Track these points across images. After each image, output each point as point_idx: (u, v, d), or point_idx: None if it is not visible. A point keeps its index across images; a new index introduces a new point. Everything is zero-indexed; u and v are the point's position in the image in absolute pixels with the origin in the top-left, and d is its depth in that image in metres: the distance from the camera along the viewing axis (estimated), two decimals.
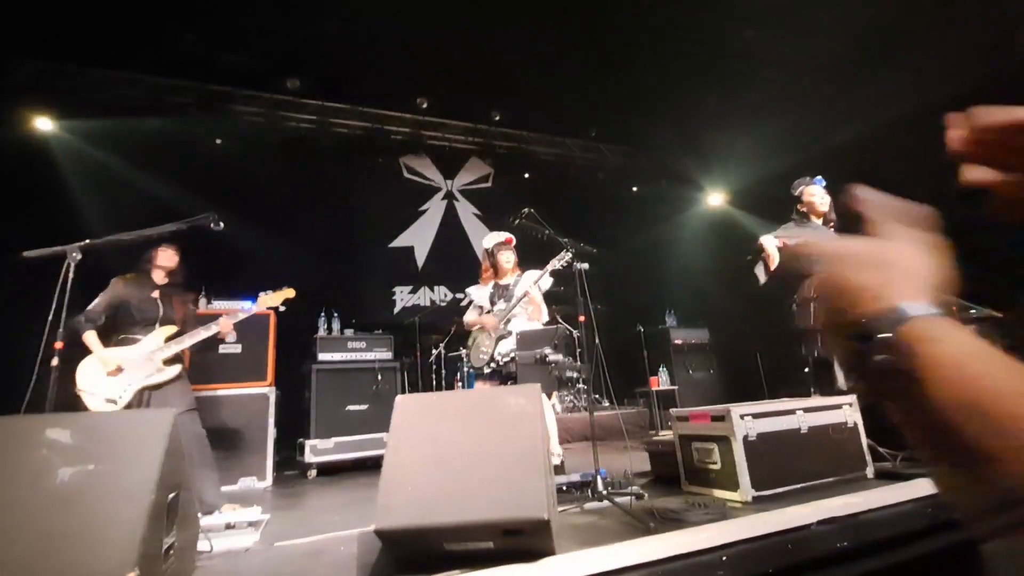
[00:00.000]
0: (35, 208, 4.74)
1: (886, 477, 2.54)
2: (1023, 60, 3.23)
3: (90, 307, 2.99)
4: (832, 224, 3.37)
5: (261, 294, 3.40)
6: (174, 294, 3.25)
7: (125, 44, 4.98)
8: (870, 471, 2.62)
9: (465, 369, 5.19)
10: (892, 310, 0.41)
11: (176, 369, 3.06)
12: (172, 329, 3.12)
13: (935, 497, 2.16)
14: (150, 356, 2.99)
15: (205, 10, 4.68)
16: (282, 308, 3.44)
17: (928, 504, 2.12)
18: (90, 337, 2.93)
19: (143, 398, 2.96)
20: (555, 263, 3.23)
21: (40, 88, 5.11)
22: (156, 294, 3.17)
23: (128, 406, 2.88)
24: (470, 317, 3.69)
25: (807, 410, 2.62)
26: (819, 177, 3.35)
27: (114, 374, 2.90)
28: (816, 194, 3.33)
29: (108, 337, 3.01)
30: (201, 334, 3.10)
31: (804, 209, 3.36)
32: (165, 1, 4.55)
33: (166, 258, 3.23)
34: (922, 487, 2.26)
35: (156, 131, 5.50)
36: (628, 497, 2.46)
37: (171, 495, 1.70)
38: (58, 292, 2.41)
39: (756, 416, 2.48)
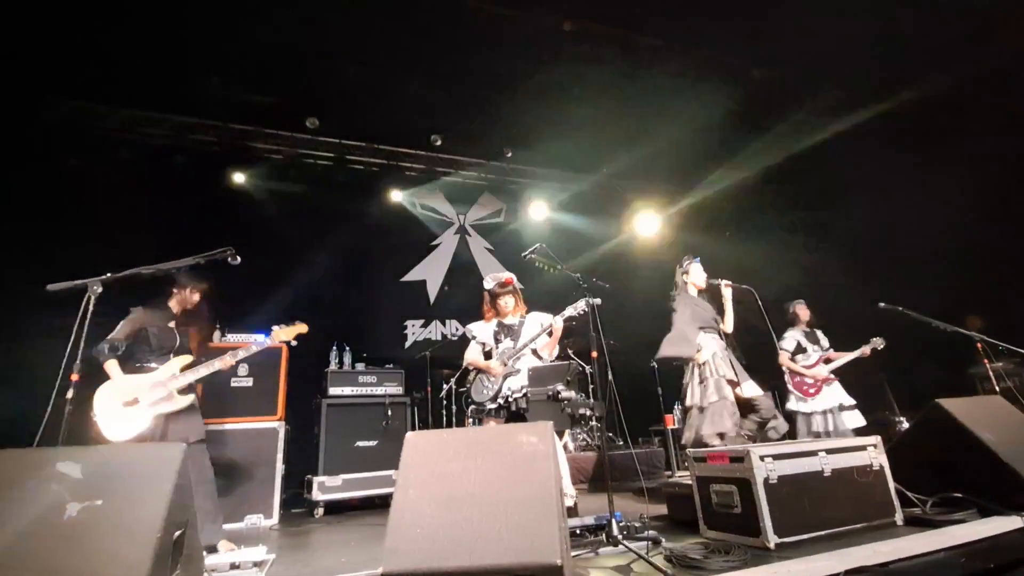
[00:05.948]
0: (59, 242, 4.87)
1: (916, 524, 2.41)
2: None
3: (112, 335, 3.02)
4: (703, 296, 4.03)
5: (275, 328, 3.40)
6: (192, 325, 3.29)
7: (153, 85, 5.21)
8: (899, 517, 2.50)
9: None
10: None
11: (189, 399, 3.06)
12: (188, 359, 3.13)
13: (969, 546, 2.06)
14: (164, 385, 2.99)
15: (230, 53, 4.90)
16: (294, 343, 3.45)
17: (962, 553, 2.01)
18: (111, 366, 2.96)
19: (157, 427, 2.95)
20: (570, 311, 3.20)
21: (71, 126, 5.34)
22: (174, 324, 3.22)
23: (141, 435, 2.86)
24: (473, 355, 3.58)
25: (830, 451, 2.53)
26: (697, 257, 4.15)
27: (129, 403, 2.90)
28: (695, 271, 4.07)
29: (124, 364, 3.02)
30: (215, 365, 3.10)
31: (686, 280, 4.07)
32: (193, 44, 4.77)
33: (182, 299, 3.29)
34: (955, 535, 2.15)
35: (179, 167, 5.70)
36: (645, 542, 2.37)
37: (177, 532, 1.68)
38: (77, 324, 2.44)
39: (777, 457, 2.40)
